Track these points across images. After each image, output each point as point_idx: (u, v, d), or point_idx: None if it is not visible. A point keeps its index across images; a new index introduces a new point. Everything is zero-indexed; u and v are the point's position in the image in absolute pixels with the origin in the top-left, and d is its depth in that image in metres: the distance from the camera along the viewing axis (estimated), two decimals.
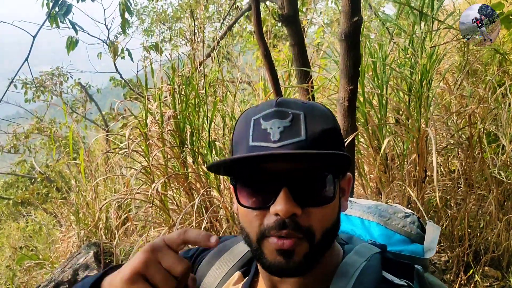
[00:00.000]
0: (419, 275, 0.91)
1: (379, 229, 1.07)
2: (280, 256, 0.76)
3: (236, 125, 0.86)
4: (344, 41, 1.94)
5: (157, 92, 2.83)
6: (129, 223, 3.08)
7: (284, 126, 0.77)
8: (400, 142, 2.78)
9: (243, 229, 0.82)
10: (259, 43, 2.20)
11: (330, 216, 0.80)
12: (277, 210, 0.74)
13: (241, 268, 0.95)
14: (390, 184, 2.60)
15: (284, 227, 0.75)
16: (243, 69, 4.63)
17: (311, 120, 0.78)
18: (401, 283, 0.82)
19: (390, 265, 0.86)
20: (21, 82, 8.96)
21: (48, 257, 4.35)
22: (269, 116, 0.78)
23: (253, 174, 0.79)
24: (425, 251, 1.03)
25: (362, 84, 2.48)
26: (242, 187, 0.80)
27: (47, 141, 9.68)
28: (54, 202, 6.03)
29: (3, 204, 9.57)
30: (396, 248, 1.02)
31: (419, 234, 1.07)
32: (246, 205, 0.79)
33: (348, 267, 0.83)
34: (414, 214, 1.11)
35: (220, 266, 0.95)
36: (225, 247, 0.99)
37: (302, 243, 0.76)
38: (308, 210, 0.76)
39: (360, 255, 0.86)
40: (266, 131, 0.77)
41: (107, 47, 5.13)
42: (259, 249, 0.79)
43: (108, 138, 4.30)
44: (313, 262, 0.79)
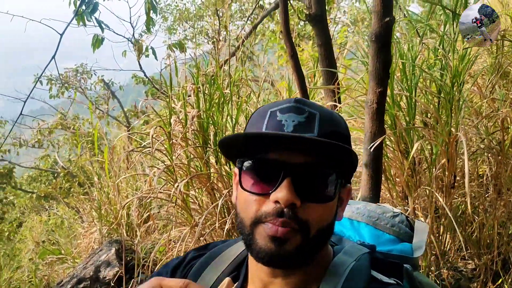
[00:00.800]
0: (409, 274, 0.93)
1: (368, 230, 1.08)
2: (272, 243, 0.77)
3: (251, 116, 0.88)
4: (375, 42, 1.88)
5: (181, 91, 2.82)
6: (151, 222, 3.08)
7: (299, 121, 0.79)
8: (428, 146, 2.70)
9: (238, 214, 0.84)
10: (286, 43, 2.16)
11: (327, 216, 0.82)
12: (277, 197, 0.76)
13: (231, 274, 0.94)
14: (417, 189, 2.52)
15: (281, 215, 0.76)
16: (266, 68, 4.60)
17: (325, 121, 0.81)
18: (390, 282, 0.84)
19: (380, 264, 0.88)
20: (46, 78, 9.12)
21: (70, 252, 4.40)
22: (286, 109, 0.80)
23: (260, 160, 0.80)
24: (414, 249, 1.04)
25: (392, 86, 2.42)
26: (247, 171, 0.82)
27: (70, 137, 9.84)
28: (76, 197, 6.12)
29: (26, 197, 9.78)
30: (385, 248, 1.03)
31: (407, 233, 1.09)
32: (248, 189, 0.80)
33: (337, 267, 0.84)
34: (402, 214, 1.13)
35: (210, 273, 0.95)
36: (214, 254, 0.99)
37: (296, 234, 0.77)
38: (307, 204, 0.78)
39: (349, 255, 0.87)
40: (280, 122, 0.79)
41: (132, 45, 5.16)
42: (251, 234, 0.79)
43: (131, 136, 4.32)
44: (304, 257, 0.80)
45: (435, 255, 2.63)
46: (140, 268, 2.86)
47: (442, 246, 2.68)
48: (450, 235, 2.72)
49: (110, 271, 2.90)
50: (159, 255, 2.86)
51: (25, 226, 8.44)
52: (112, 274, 2.87)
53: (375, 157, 2.02)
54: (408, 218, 1.12)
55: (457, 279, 2.81)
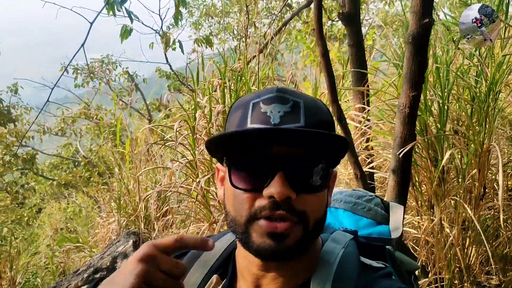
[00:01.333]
0: (391, 255, 0.96)
1: (347, 215, 1.10)
2: (270, 240, 0.75)
3: (231, 110, 0.84)
4: (411, 43, 1.80)
5: (207, 85, 2.78)
6: (169, 216, 3.07)
7: (284, 111, 0.76)
8: (458, 155, 2.61)
9: (229, 213, 0.81)
10: (318, 42, 2.10)
11: (321, 205, 0.81)
12: (271, 192, 0.74)
13: (218, 270, 0.92)
14: (444, 199, 2.44)
15: (278, 208, 0.74)
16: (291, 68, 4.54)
17: (310, 109, 0.79)
18: (379, 266, 0.84)
19: (365, 249, 0.88)
20: (72, 68, 9.25)
21: (87, 241, 4.44)
22: (270, 100, 0.78)
23: (248, 155, 0.78)
24: (392, 231, 1.06)
25: (425, 91, 2.33)
26: (236, 168, 0.79)
27: (92, 127, 9.96)
28: (95, 186, 6.18)
29: (47, 184, 9.95)
30: (365, 232, 1.05)
31: (383, 215, 1.11)
32: (239, 187, 0.78)
33: (328, 256, 0.84)
34: (377, 197, 1.14)
35: (196, 271, 0.93)
36: (195, 255, 0.96)
37: (296, 227, 0.76)
38: (302, 196, 0.76)
39: (337, 242, 0.87)
40: (266, 114, 0.76)
41: (159, 37, 5.17)
42: (246, 232, 0.77)
43: (153, 128, 4.32)
44: (303, 248, 0.79)
45: (458, 268, 2.54)
46: None
47: (467, 259, 2.59)
48: (476, 249, 2.62)
49: None
50: None
51: (44, 213, 8.59)
52: None
53: (404, 164, 1.95)
54: (382, 200, 1.14)
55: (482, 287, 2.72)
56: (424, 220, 2.45)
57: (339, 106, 2.19)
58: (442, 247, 2.40)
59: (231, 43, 9.05)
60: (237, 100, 0.85)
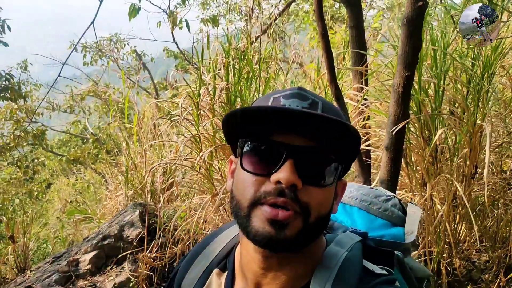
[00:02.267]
0: (400, 262, 0.93)
1: (361, 215, 1.07)
2: (271, 227, 0.75)
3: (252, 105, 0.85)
4: (406, 25, 1.89)
5: (211, 64, 2.88)
6: (174, 188, 3.20)
7: (302, 106, 0.78)
8: (452, 135, 2.70)
9: (234, 197, 0.82)
10: (318, 22, 2.18)
11: (326, 202, 0.80)
12: (279, 177, 0.75)
13: (219, 264, 0.94)
14: (437, 177, 2.54)
15: (282, 194, 0.75)
16: (296, 49, 4.60)
17: (327, 109, 0.80)
18: (382, 272, 0.82)
19: (371, 253, 0.87)
20: (81, 46, 9.33)
21: (95, 213, 4.61)
22: (290, 96, 0.80)
23: (263, 140, 0.79)
24: (406, 234, 1.03)
25: (420, 72, 2.42)
26: (248, 152, 0.80)
27: (100, 104, 10.07)
28: (103, 162, 6.33)
29: (56, 160, 10.13)
30: (377, 233, 1.02)
31: (400, 217, 1.07)
32: (248, 170, 0.79)
33: (329, 259, 0.82)
34: (395, 197, 1.11)
35: (197, 267, 0.96)
36: (198, 249, 1.00)
37: (297, 218, 0.76)
38: (308, 188, 0.77)
39: (341, 246, 0.86)
40: (284, 106, 0.78)
41: (166, 17, 5.23)
42: (247, 216, 0.77)
43: (159, 105, 4.44)
44: (302, 242, 0.78)
45: (448, 243, 2.66)
46: (161, 231, 3.00)
47: (456, 235, 2.71)
48: (466, 225, 2.73)
49: (133, 231, 3.04)
50: (180, 221, 2.98)
51: (53, 188, 8.80)
52: (135, 234, 3.02)
53: (397, 141, 2.04)
54: (401, 201, 1.11)
55: (469, 270, 2.84)
56: (416, 196, 2.56)
57: (337, 85, 2.28)
58: (431, 222, 2.51)
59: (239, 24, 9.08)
60: (260, 97, 0.87)
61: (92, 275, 2.85)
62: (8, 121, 9.01)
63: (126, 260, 2.92)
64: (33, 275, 2.92)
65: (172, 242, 2.91)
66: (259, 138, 0.80)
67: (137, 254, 2.93)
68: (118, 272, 2.86)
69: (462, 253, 2.86)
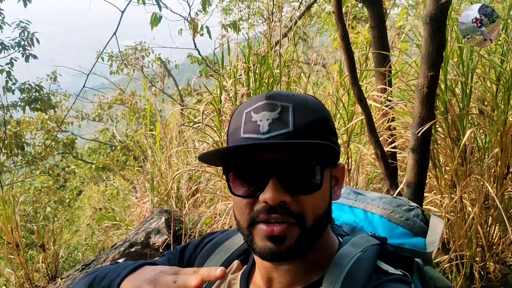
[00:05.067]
0: (419, 268, 0.92)
1: (382, 222, 1.06)
2: (270, 242, 0.78)
3: (231, 118, 0.88)
4: (429, 24, 1.83)
5: (232, 69, 2.88)
6: (198, 194, 3.21)
7: (272, 118, 0.79)
8: (482, 135, 2.61)
9: (235, 217, 0.85)
10: (338, 24, 2.14)
11: (321, 203, 0.83)
12: (265, 198, 0.77)
13: (240, 257, 0.97)
14: (466, 178, 2.46)
15: (273, 211, 0.78)
16: (319, 51, 4.56)
17: (299, 112, 0.81)
18: (396, 272, 0.83)
19: (390, 257, 0.87)
20: (107, 55, 9.54)
21: (123, 220, 4.69)
22: (259, 108, 0.81)
23: (243, 164, 0.82)
24: (427, 244, 1.02)
25: (445, 70, 2.35)
26: (234, 177, 0.83)
27: (127, 112, 10.26)
28: (131, 169, 6.44)
29: (86, 168, 10.38)
30: (397, 241, 1.02)
31: (422, 227, 1.06)
32: (238, 194, 0.82)
33: (342, 258, 0.84)
34: (418, 208, 1.10)
35: (219, 255, 0.99)
36: (220, 240, 1.02)
37: (293, 228, 0.79)
38: (299, 197, 0.79)
39: (356, 246, 0.87)
40: (256, 123, 0.80)
41: (187, 24, 5.29)
42: (250, 235, 0.81)
43: (183, 113, 4.48)
44: (304, 248, 0.81)
45: (481, 246, 2.57)
46: (187, 237, 3.02)
47: (489, 237, 2.61)
48: (500, 227, 2.63)
49: (159, 238, 3.07)
50: (205, 227, 2.99)
51: (84, 195, 9.00)
52: (161, 241, 3.05)
53: (423, 143, 1.99)
54: (424, 212, 1.10)
55: (504, 273, 2.73)
56: (445, 198, 2.48)
57: (359, 87, 2.24)
58: (462, 224, 2.43)
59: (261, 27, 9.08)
60: (237, 108, 0.89)
61: None
62: (39, 131, 9.29)
63: None
64: (63, 283, 2.98)
65: None
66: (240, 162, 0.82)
67: None
68: None
69: (497, 256, 2.76)
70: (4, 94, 8.14)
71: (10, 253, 3.42)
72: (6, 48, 8.11)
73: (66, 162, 9.93)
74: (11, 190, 4.17)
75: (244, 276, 0.93)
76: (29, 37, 8.22)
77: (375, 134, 2.31)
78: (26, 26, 8.29)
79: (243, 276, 0.93)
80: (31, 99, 8.45)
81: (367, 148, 2.74)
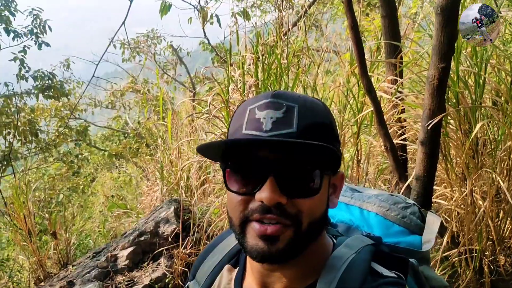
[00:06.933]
0: (414, 269, 0.90)
1: (378, 220, 1.05)
2: (262, 242, 0.77)
3: (234, 114, 0.87)
4: (440, 14, 1.79)
5: (240, 60, 2.86)
6: (207, 184, 3.22)
7: (277, 117, 0.78)
8: (494, 127, 2.56)
9: (228, 214, 0.84)
10: (347, 13, 2.10)
11: (317, 207, 0.81)
12: (261, 197, 0.76)
13: (231, 260, 0.97)
14: (478, 171, 2.42)
15: (267, 211, 0.76)
16: (330, 38, 4.49)
17: (304, 113, 0.79)
18: (390, 275, 0.81)
19: (384, 258, 0.86)
20: (119, 43, 9.55)
21: (135, 207, 4.74)
22: (264, 106, 0.80)
23: (242, 160, 0.80)
24: (423, 243, 1.01)
25: (457, 61, 2.29)
26: (231, 172, 0.82)
27: (140, 100, 10.30)
28: (143, 157, 6.49)
29: (99, 155, 10.48)
30: (393, 240, 1.00)
31: (418, 225, 1.05)
32: (233, 190, 0.81)
33: (336, 260, 0.83)
34: (415, 205, 1.08)
35: (210, 260, 0.99)
36: (215, 243, 1.03)
37: (288, 229, 0.77)
38: (295, 200, 0.78)
39: (350, 248, 0.86)
40: (259, 120, 0.79)
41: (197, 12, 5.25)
42: (242, 233, 0.80)
43: (194, 102, 4.47)
44: (295, 251, 0.80)
45: (491, 240, 2.53)
46: (195, 227, 3.04)
47: (500, 231, 2.57)
48: (511, 222, 2.59)
49: (168, 228, 3.10)
50: (214, 217, 3.00)
51: (97, 181, 9.11)
52: (170, 230, 3.07)
53: (433, 135, 1.95)
54: (420, 210, 1.08)
55: None
56: (455, 191, 2.45)
57: (368, 78, 2.20)
58: (472, 218, 2.40)
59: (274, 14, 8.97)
60: (241, 104, 0.87)
61: (130, 271, 2.93)
62: (53, 118, 9.39)
63: (162, 256, 2.98)
64: (74, 270, 3.04)
65: (206, 238, 2.93)
66: (239, 157, 0.81)
67: (173, 250, 2.98)
68: (155, 267, 2.92)
69: (508, 250, 2.72)
70: (18, 82, 8.22)
71: (23, 240, 3.49)
72: (19, 36, 8.16)
73: (80, 149, 10.04)
74: (25, 177, 4.23)
75: (237, 281, 0.92)
76: (42, 25, 8.25)
77: (384, 127, 2.27)
78: (38, 13, 8.32)
79: (236, 281, 0.92)
80: (44, 87, 8.53)
81: (377, 140, 2.70)
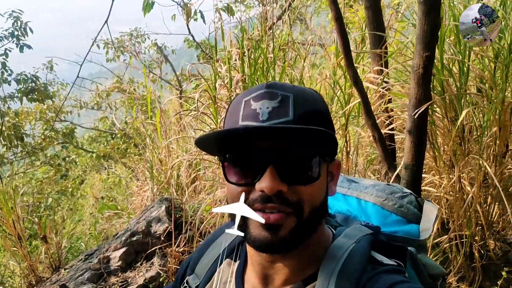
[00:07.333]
0: (413, 257, 0.92)
1: (375, 210, 1.06)
2: (266, 231, 0.77)
3: (229, 107, 0.87)
4: (423, 3, 1.80)
5: (226, 55, 2.85)
6: (198, 182, 3.21)
7: (272, 106, 0.78)
8: (480, 114, 2.59)
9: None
10: (331, 6, 2.11)
11: (318, 194, 0.82)
12: (262, 187, 0.76)
13: (231, 253, 0.97)
14: (465, 158, 2.45)
15: (268, 201, 0.77)
16: (315, 32, 4.50)
17: (299, 102, 0.80)
18: (390, 263, 0.83)
19: (383, 247, 0.87)
20: (103, 42, 9.45)
21: (125, 208, 4.70)
22: (259, 97, 0.80)
23: (240, 151, 0.81)
24: (421, 231, 1.03)
25: (441, 50, 2.31)
26: (229, 164, 0.82)
27: (126, 99, 10.20)
28: (132, 157, 6.44)
29: (87, 156, 10.38)
30: (391, 229, 1.01)
31: (415, 214, 1.06)
32: (233, 181, 0.81)
33: (336, 250, 0.84)
34: (411, 194, 1.09)
35: (210, 254, 0.99)
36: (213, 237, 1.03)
37: (290, 217, 0.78)
38: (296, 187, 0.78)
39: (349, 237, 0.87)
40: (255, 111, 0.79)
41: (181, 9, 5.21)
42: (244, 224, 0.80)
43: (181, 100, 4.45)
44: (299, 239, 0.80)
45: (480, 225, 2.57)
46: (188, 225, 3.03)
47: (489, 216, 2.61)
48: (499, 206, 2.63)
49: (160, 227, 3.08)
50: (205, 214, 3.00)
51: (86, 184, 9.02)
52: (162, 229, 3.06)
53: (420, 124, 1.98)
54: (417, 199, 1.09)
55: (505, 251, 2.74)
56: (444, 179, 2.47)
57: (354, 69, 2.21)
58: (461, 204, 2.43)
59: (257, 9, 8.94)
60: (235, 98, 0.88)
61: (123, 272, 2.91)
62: (38, 121, 9.26)
63: (155, 255, 2.96)
64: (67, 274, 3.01)
65: (199, 236, 2.93)
66: (237, 148, 0.81)
67: (166, 249, 2.97)
68: (148, 267, 2.91)
69: (497, 234, 2.76)
70: (1, 85, 8.09)
71: (13, 245, 3.44)
72: (0, 39, 8.04)
73: (67, 152, 9.92)
74: (12, 182, 4.17)
75: (238, 274, 0.92)
76: (23, 27, 8.13)
77: (371, 117, 2.29)
78: (18, 15, 8.19)
79: (238, 274, 0.92)
80: (28, 90, 8.41)
81: (365, 130, 2.72)
